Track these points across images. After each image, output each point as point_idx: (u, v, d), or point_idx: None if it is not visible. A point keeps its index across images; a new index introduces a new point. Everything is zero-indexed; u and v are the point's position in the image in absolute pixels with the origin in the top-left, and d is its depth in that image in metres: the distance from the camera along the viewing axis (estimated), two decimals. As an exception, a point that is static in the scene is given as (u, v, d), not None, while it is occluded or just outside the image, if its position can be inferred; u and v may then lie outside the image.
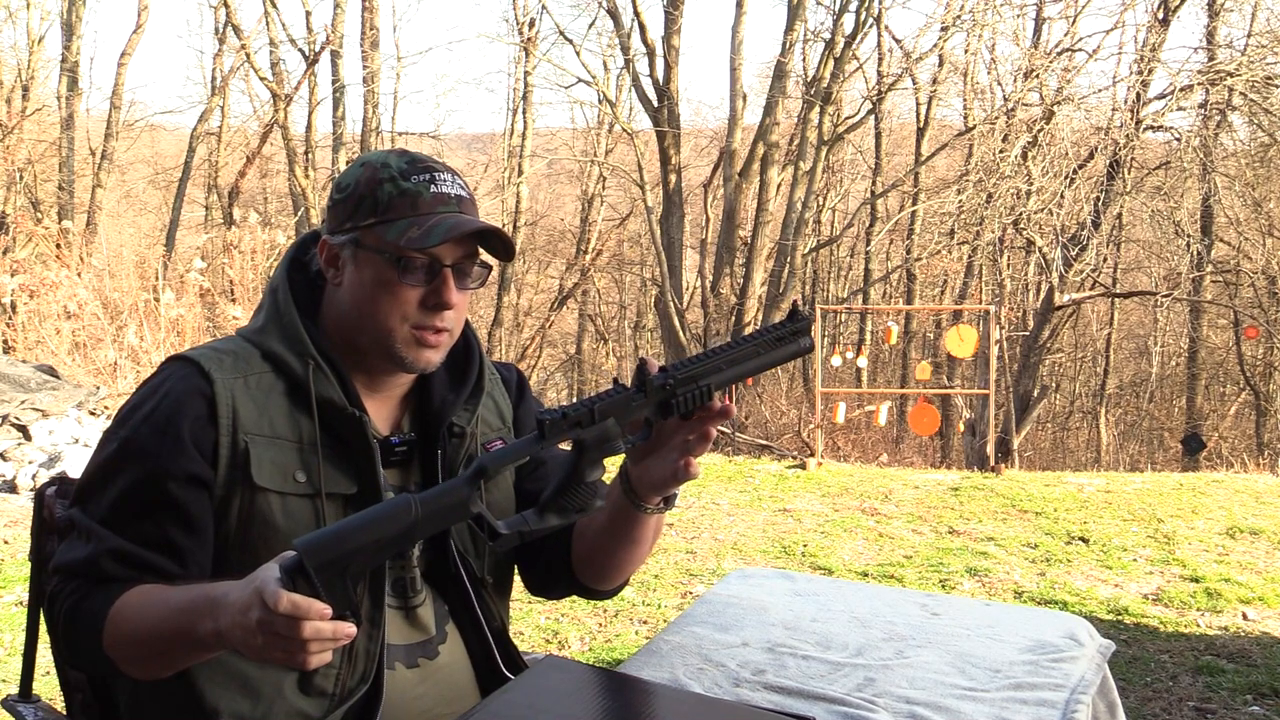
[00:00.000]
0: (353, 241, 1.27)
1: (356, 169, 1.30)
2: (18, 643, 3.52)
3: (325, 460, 1.26)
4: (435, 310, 1.26)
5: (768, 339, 1.22)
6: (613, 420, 1.14)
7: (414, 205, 1.25)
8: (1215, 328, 17.89)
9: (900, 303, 19.11)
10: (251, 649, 1.02)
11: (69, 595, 1.20)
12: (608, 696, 1.32)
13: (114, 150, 18.03)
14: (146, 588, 1.18)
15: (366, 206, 1.26)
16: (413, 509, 1.04)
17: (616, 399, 1.15)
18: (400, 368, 1.30)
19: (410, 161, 1.28)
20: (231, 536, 1.24)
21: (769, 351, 1.22)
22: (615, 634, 3.85)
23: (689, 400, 1.17)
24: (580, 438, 1.13)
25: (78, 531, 1.23)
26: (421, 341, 1.27)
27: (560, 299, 20.86)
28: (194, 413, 1.22)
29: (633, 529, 1.32)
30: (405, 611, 1.33)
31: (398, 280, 1.25)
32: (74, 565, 1.21)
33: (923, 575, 4.71)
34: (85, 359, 8.40)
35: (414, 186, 1.26)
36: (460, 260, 1.28)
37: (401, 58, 19.81)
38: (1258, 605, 4.30)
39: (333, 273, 1.31)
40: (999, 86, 14.04)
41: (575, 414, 1.12)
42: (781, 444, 11.03)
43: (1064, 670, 1.60)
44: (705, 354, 1.20)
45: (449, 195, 1.27)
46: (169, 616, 1.12)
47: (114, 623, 1.16)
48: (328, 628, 0.98)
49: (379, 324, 1.27)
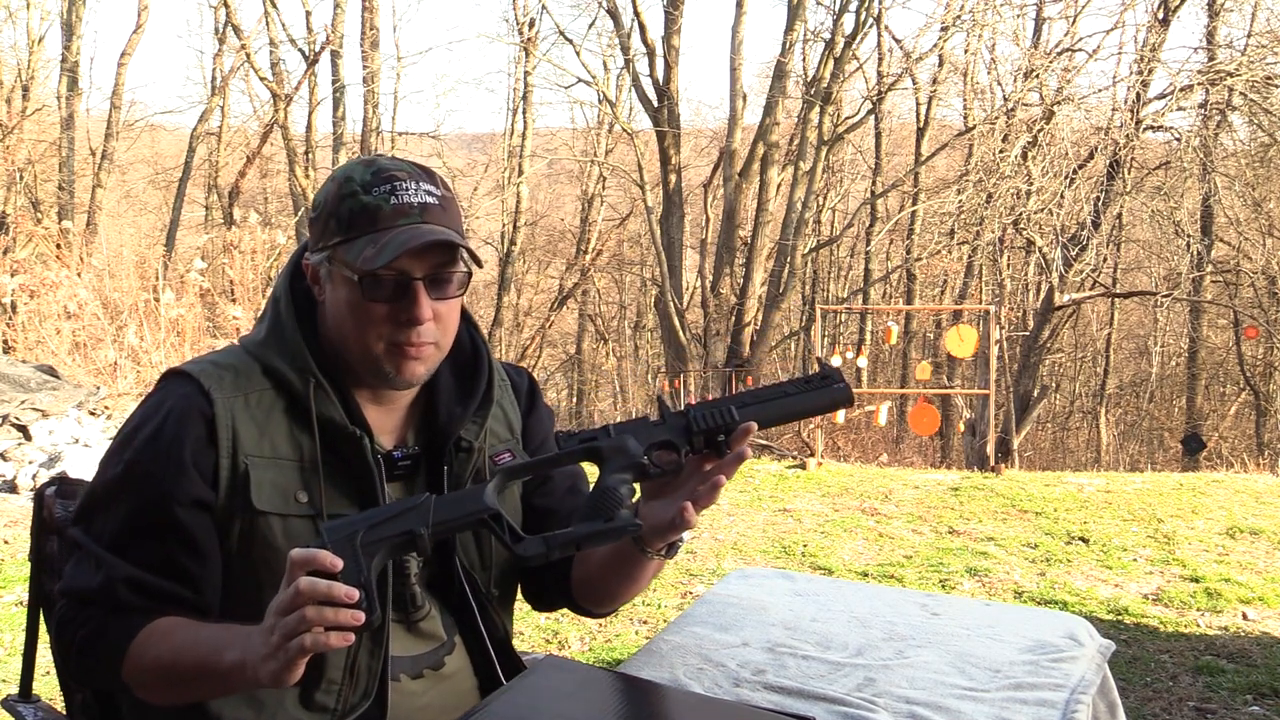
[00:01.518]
0: (327, 260, 1.26)
1: (328, 185, 1.28)
2: (18, 643, 3.52)
3: (327, 480, 1.25)
4: (407, 326, 1.23)
5: (796, 384, 1.19)
6: (632, 439, 1.14)
7: (373, 220, 1.21)
8: (1215, 328, 17.90)
9: (900, 303, 19.12)
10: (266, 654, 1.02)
11: (84, 624, 1.20)
12: (608, 696, 1.32)
13: (114, 150, 18.03)
14: (172, 620, 1.18)
15: (333, 225, 1.24)
16: (429, 505, 1.07)
17: (632, 421, 1.15)
18: (389, 384, 1.28)
19: (375, 173, 1.24)
20: (233, 557, 1.24)
21: (796, 395, 1.18)
22: (615, 634, 3.85)
23: (711, 418, 1.14)
24: (596, 446, 1.13)
25: (84, 555, 1.22)
26: (402, 355, 1.25)
27: (560, 299, 20.87)
28: (194, 434, 1.22)
29: (632, 568, 1.32)
30: (408, 625, 1.33)
31: (363, 300, 1.22)
32: (87, 593, 1.20)
33: (923, 575, 4.71)
34: (85, 359, 8.40)
35: (374, 200, 1.22)
36: (434, 270, 1.23)
37: (401, 58, 19.85)
38: (1258, 605, 4.30)
39: (317, 289, 1.30)
40: (999, 86, 14.06)
41: (588, 431, 1.14)
42: (781, 444, 11.03)
43: (1064, 670, 1.60)
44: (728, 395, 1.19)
45: (411, 205, 1.22)
46: (193, 647, 1.13)
47: (135, 654, 1.16)
48: (323, 584, 0.98)
49: (357, 343, 1.25)
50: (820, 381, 1.18)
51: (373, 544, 1.05)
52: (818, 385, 1.18)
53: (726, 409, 1.15)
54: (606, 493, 1.11)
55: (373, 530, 1.06)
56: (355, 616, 0.99)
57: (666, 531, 1.22)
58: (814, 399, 1.18)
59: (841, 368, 10.33)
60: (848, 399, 1.18)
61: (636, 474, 1.14)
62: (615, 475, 1.12)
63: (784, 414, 1.18)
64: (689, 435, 1.15)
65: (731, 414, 1.15)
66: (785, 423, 1.23)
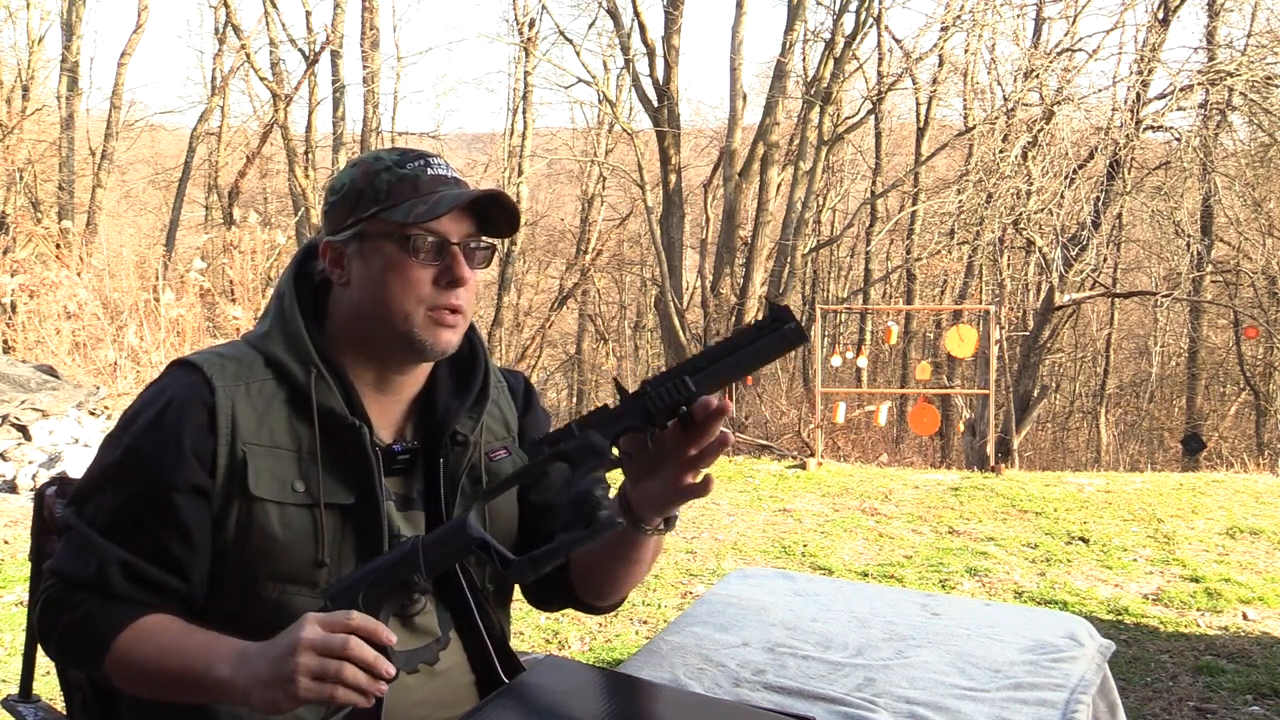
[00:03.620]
0: (357, 235, 1.28)
1: (349, 170, 1.31)
2: (18, 643, 3.52)
3: (325, 470, 1.25)
4: (450, 288, 1.26)
5: (746, 334, 1.14)
6: (596, 434, 1.14)
7: (414, 187, 1.27)
8: (1215, 328, 17.90)
9: (900, 303, 19.11)
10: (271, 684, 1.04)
11: (72, 608, 1.20)
12: (608, 696, 1.32)
13: (114, 150, 18.02)
14: (161, 619, 1.19)
15: (367, 198, 1.27)
16: (417, 549, 1.11)
17: (593, 413, 1.16)
18: (419, 354, 1.30)
19: (402, 153, 1.30)
20: (229, 546, 1.24)
21: (748, 345, 1.13)
22: (615, 634, 3.85)
23: (666, 395, 1.13)
24: (563, 450, 1.13)
25: (76, 537, 1.23)
26: (439, 322, 1.27)
27: (560, 299, 20.85)
28: (195, 421, 1.22)
29: (631, 549, 1.32)
30: (403, 620, 1.33)
31: (410, 261, 1.25)
32: (79, 577, 1.20)
33: (923, 575, 4.71)
34: (85, 359, 8.40)
35: (411, 171, 1.28)
36: (465, 239, 1.28)
37: (401, 58, 19.83)
38: (1258, 605, 4.30)
39: (338, 273, 1.31)
40: (999, 86, 14.05)
41: (554, 433, 1.14)
42: (781, 444, 11.02)
43: (1064, 670, 1.60)
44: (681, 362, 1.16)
45: (446, 176, 1.29)
46: (180, 654, 1.14)
47: (120, 649, 1.17)
48: (370, 652, 1.04)
49: (395, 310, 1.26)
50: (771, 325, 1.13)
51: (375, 601, 1.09)
52: (769, 330, 1.13)
53: (680, 381, 1.12)
54: (582, 499, 1.11)
55: (372, 589, 1.10)
56: (380, 689, 1.05)
57: (668, 503, 1.22)
58: (767, 345, 1.13)
59: (841, 368, 10.24)
60: (800, 337, 1.13)
61: (608, 468, 1.15)
62: (587, 478, 1.13)
63: (740, 368, 1.14)
64: (649, 416, 1.14)
65: (687, 385, 1.13)
66: (744, 375, 1.16)
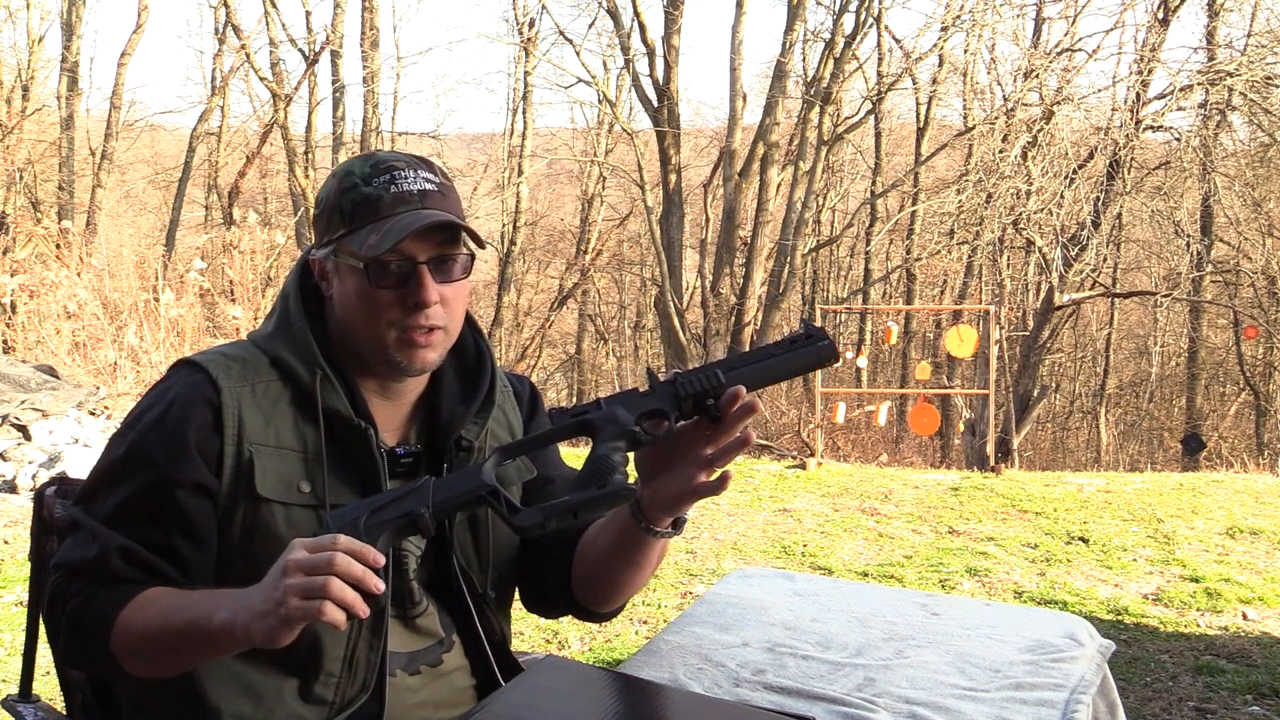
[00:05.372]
0: (332, 254, 1.28)
1: (329, 182, 1.31)
2: (18, 643, 3.52)
3: (330, 471, 1.26)
4: (416, 310, 1.25)
5: (780, 345, 1.19)
6: (622, 409, 1.15)
7: (375, 210, 1.24)
8: (1215, 328, 17.91)
9: (900, 303, 19.12)
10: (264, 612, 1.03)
11: (75, 594, 1.20)
12: (608, 696, 1.32)
13: (114, 150, 18.02)
14: (161, 589, 1.19)
15: (336, 219, 1.27)
16: (428, 485, 1.10)
17: (622, 393, 1.16)
18: (400, 372, 1.30)
19: (374, 165, 1.28)
20: (235, 545, 1.24)
21: (781, 355, 1.18)
22: (615, 634, 3.85)
23: (697, 382, 1.15)
24: (587, 419, 1.14)
25: (81, 530, 1.23)
26: (412, 343, 1.26)
27: (560, 299, 20.85)
28: (200, 420, 1.23)
29: (637, 551, 1.31)
30: (405, 621, 1.33)
31: (371, 288, 1.24)
32: (80, 564, 1.21)
33: (923, 575, 4.71)
34: (85, 359, 8.40)
35: (375, 190, 1.25)
36: (437, 254, 1.26)
37: (401, 58, 19.84)
38: (1258, 605, 4.30)
39: (325, 285, 1.31)
40: (999, 86, 14.05)
41: (580, 405, 1.15)
42: (781, 444, 11.02)
43: (1064, 670, 1.60)
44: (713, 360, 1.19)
45: (411, 192, 1.25)
46: (182, 609, 1.14)
47: (124, 622, 1.17)
48: (358, 567, 1.01)
49: (369, 333, 1.27)
50: (805, 341, 1.18)
51: (376, 527, 1.08)
52: (802, 344, 1.18)
53: (713, 373, 1.15)
54: (599, 460, 1.12)
55: (375, 514, 1.08)
56: (363, 611, 1.02)
57: (681, 502, 1.22)
58: (799, 358, 1.18)
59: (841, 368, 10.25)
60: (833, 356, 1.18)
61: (629, 442, 1.15)
62: (608, 444, 1.13)
63: (770, 375, 1.18)
64: (678, 401, 1.15)
65: (718, 377, 1.15)
66: (773, 383, 1.20)
